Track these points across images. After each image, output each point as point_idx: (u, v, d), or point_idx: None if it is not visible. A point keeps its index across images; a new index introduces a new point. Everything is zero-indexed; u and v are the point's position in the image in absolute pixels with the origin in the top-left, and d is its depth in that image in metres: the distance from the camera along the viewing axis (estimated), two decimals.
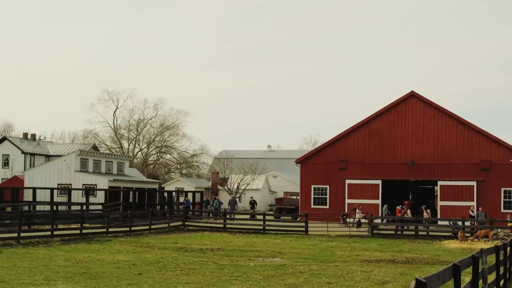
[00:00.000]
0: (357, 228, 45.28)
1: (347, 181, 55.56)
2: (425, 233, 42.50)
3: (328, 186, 56.09)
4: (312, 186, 56.45)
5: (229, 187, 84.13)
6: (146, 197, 63.22)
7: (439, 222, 46.43)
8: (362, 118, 56.39)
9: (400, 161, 54.78)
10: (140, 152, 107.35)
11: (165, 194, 67.54)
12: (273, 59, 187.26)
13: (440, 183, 54.18)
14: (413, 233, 42.85)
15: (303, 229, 43.46)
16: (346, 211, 53.29)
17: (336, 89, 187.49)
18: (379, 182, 55.08)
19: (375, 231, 42.83)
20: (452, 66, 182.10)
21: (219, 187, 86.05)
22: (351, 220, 49.58)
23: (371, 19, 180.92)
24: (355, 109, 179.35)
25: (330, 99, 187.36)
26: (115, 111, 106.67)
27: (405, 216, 46.76)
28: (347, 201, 55.06)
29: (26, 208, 50.11)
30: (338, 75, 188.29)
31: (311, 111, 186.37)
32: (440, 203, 54.14)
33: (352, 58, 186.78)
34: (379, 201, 54.26)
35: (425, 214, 46.63)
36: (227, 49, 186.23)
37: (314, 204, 55.98)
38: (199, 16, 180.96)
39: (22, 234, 32.24)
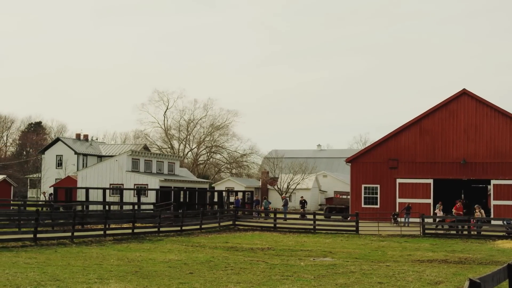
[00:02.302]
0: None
1: (398, 180, 55.06)
2: (477, 232, 41.91)
3: (378, 186, 55.67)
4: (363, 186, 56.09)
5: (279, 186, 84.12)
6: (196, 196, 63.59)
7: (493, 222, 45.65)
8: (412, 117, 55.85)
9: (452, 160, 54.05)
10: (190, 152, 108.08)
11: (216, 193, 67.86)
12: (323, 57, 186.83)
13: (493, 182, 53.27)
14: (465, 232, 42.28)
15: (354, 228, 43.19)
16: (397, 210, 52.86)
17: (386, 87, 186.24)
18: (430, 181, 54.45)
19: (426, 231, 42.35)
20: (502, 62, 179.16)
21: (269, 186, 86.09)
22: (403, 219, 49.15)
23: (416, 18, 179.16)
24: (405, 107, 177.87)
25: (380, 97, 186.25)
26: (165, 112, 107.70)
27: (477, 214, 45.71)
28: (398, 200, 54.56)
29: (79, 207, 50.87)
30: (388, 74, 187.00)
31: (361, 110, 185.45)
32: (493, 202, 53.23)
33: (403, 56, 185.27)
34: (430, 201, 53.62)
35: (477, 213, 45.89)
36: (276, 48, 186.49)
37: (364, 204, 55.63)
38: (250, 16, 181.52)
39: (75, 234, 32.66)
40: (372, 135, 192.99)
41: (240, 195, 67.62)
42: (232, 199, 72.53)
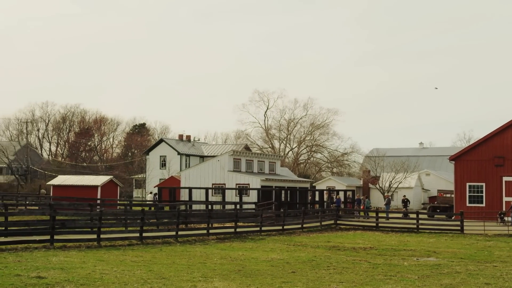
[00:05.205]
0: None
1: (504, 179, 53.48)
2: None
3: (484, 184, 54.23)
4: (467, 184, 54.77)
5: (380, 185, 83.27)
6: (297, 196, 63.64)
7: None
8: None
9: None
10: (291, 152, 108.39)
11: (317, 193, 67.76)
12: (422, 55, 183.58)
13: None
14: None
15: (459, 228, 42.28)
16: (503, 209, 51.38)
17: (489, 83, 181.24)
18: None
19: None
20: None
21: (370, 185, 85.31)
22: (510, 219, 47.74)
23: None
24: (509, 103, 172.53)
25: (483, 93, 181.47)
26: (266, 112, 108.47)
27: None
28: (505, 199, 53.00)
29: (183, 207, 51.82)
30: (489, 69, 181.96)
31: (464, 107, 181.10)
32: None
33: (502, 51, 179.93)
34: None
35: None
36: (375, 46, 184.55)
37: (469, 203, 54.31)
38: (344, 15, 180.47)
39: (179, 233, 33.24)
40: (476, 132, 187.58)
41: (341, 194, 67.25)
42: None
